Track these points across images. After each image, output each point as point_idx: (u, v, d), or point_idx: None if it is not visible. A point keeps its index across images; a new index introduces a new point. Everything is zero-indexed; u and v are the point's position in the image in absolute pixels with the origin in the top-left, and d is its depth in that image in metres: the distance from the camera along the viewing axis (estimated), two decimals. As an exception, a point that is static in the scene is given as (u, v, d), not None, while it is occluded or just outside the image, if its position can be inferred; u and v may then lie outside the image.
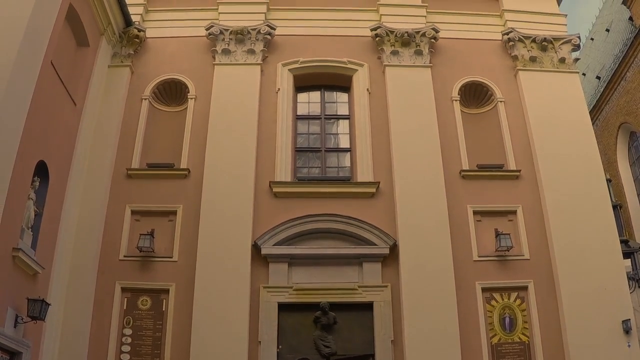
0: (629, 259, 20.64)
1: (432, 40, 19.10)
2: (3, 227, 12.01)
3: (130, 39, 18.97)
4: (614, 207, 20.04)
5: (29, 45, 13.31)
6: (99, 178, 16.93)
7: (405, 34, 18.91)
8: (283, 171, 17.27)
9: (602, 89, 29.05)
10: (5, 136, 12.37)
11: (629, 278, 18.11)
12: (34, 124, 13.58)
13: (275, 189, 16.91)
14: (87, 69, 17.31)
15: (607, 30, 31.98)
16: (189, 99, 18.37)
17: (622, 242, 18.51)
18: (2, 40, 12.85)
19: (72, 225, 15.91)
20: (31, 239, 13.65)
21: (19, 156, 12.74)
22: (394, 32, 18.97)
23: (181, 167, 17.29)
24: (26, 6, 13.46)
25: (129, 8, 18.77)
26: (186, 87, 18.59)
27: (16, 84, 12.79)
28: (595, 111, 29.25)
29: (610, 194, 19.45)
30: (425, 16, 19.73)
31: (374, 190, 17.00)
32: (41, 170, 14.25)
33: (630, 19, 27.72)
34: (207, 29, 18.98)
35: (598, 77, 30.35)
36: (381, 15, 19.67)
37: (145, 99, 18.41)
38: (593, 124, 22.95)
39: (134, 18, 19.13)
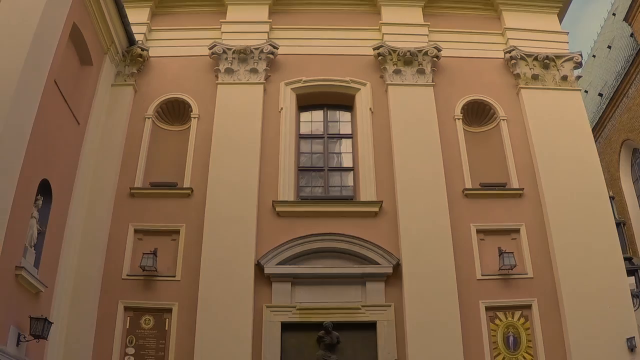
0: (633, 277, 20.57)
1: (435, 58, 19.16)
2: (6, 245, 12.02)
3: (133, 58, 19.08)
4: (617, 224, 19.94)
5: (32, 63, 13.40)
6: (102, 197, 16.94)
7: (408, 53, 18.99)
8: (286, 190, 17.28)
9: (604, 106, 29.06)
10: (9, 154, 12.43)
11: (633, 295, 18.02)
12: (38, 143, 13.64)
13: (278, 208, 16.91)
14: (91, 88, 17.39)
15: (609, 47, 32.03)
16: (192, 118, 18.43)
17: (625, 259, 18.41)
18: (6, 59, 12.96)
19: (75, 243, 15.92)
20: (34, 258, 13.66)
21: (22, 174, 12.79)
22: (396, 51, 19.04)
23: (184, 186, 17.32)
24: (30, 25, 13.59)
25: (132, 27, 18.90)
26: (189, 106, 18.66)
27: (20, 102, 12.87)
28: (597, 128, 29.26)
29: (613, 211, 19.35)
30: (427, 35, 19.82)
31: (377, 209, 16.99)
32: (44, 189, 14.29)
33: (632, 35, 27.77)
34: (210, 48, 19.09)
35: (600, 94, 30.36)
36: (383, 34, 19.76)
37: (148, 118, 18.47)
38: (596, 141, 22.94)
39: (137, 37, 19.27)
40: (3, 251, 11.93)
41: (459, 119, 18.63)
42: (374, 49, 19.27)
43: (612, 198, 21.56)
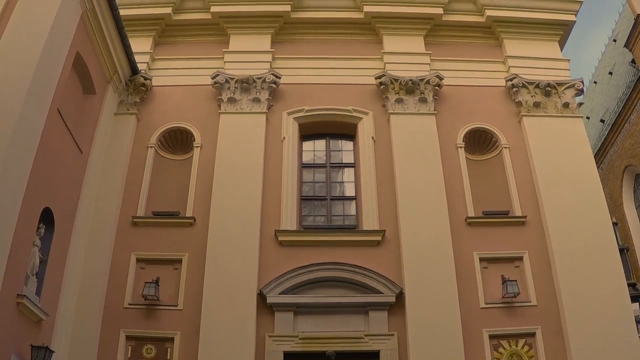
0: (637, 303, 20.48)
1: (437, 87, 19.24)
2: (8, 273, 12.01)
3: (136, 87, 19.18)
4: (621, 250, 19.97)
5: (36, 92, 13.49)
6: (104, 225, 16.94)
7: (410, 82, 19.07)
8: (289, 219, 17.25)
9: (606, 132, 29.13)
10: (11, 182, 12.47)
11: (638, 322, 17.93)
12: (40, 171, 13.68)
13: (280, 238, 16.89)
14: (94, 117, 17.45)
15: (610, 73, 32.16)
16: (195, 147, 18.48)
17: (629, 285, 18.39)
18: (9, 87, 13.04)
19: (77, 272, 15.89)
20: (36, 286, 13.65)
21: (24, 203, 12.81)
22: (398, 80, 19.12)
23: (187, 215, 17.31)
24: (34, 54, 13.68)
25: (135, 56, 19.00)
26: (192, 135, 18.71)
27: (23, 130, 12.92)
28: (600, 154, 29.30)
29: (616, 237, 19.32)
30: (429, 64, 19.92)
31: (379, 238, 16.96)
32: (46, 217, 14.29)
33: (633, 61, 27.88)
34: (212, 78, 19.18)
35: (602, 121, 30.44)
36: (385, 63, 19.88)
37: (151, 147, 18.53)
38: (598, 168, 22.92)
39: (140, 66, 19.40)
40: (5, 279, 11.90)
41: (461, 147, 18.64)
42: (376, 78, 19.37)
43: (615, 224, 21.56)
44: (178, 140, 18.96)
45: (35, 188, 13.45)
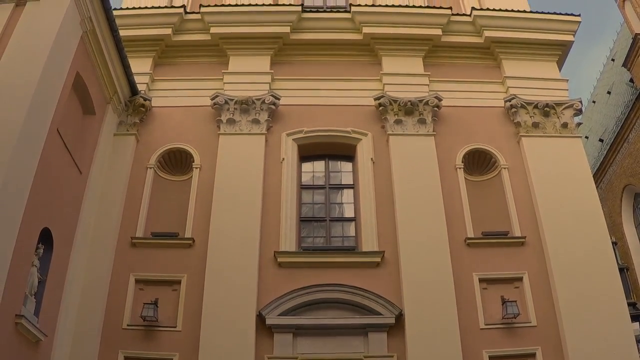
0: (637, 322, 20.46)
1: (435, 108, 19.28)
2: (6, 293, 12.01)
3: (136, 108, 19.24)
4: (621, 270, 19.98)
5: (35, 112, 13.57)
6: (103, 246, 16.92)
7: (409, 103, 19.12)
8: (288, 241, 17.23)
9: (605, 152, 29.23)
10: (10, 203, 12.50)
11: (638, 341, 17.89)
12: (39, 191, 13.70)
13: (280, 259, 16.87)
14: (93, 137, 17.49)
15: (609, 92, 32.32)
16: (194, 168, 18.50)
17: (629, 304, 18.38)
18: (9, 107, 13.16)
19: (76, 293, 15.86)
20: (34, 306, 13.63)
21: (23, 223, 12.84)
22: (397, 101, 19.18)
23: (186, 236, 17.30)
24: (34, 74, 13.79)
25: (135, 77, 19.06)
26: (191, 156, 18.75)
27: (22, 150, 13.00)
28: (599, 174, 29.36)
29: (616, 257, 19.34)
30: (428, 85, 20.00)
31: (379, 259, 16.93)
32: (45, 237, 14.30)
33: (631, 80, 28.04)
34: (212, 99, 19.26)
35: (601, 140, 30.55)
36: (384, 84, 19.95)
37: (150, 168, 18.55)
38: (597, 187, 22.99)
39: (140, 87, 19.46)
40: (3, 299, 11.90)
41: (460, 168, 18.65)
42: (375, 99, 19.43)
43: (614, 243, 21.59)
44: (177, 161, 18.99)
45: (35, 208, 13.46)
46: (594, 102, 35.18)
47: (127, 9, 21.21)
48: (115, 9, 18.55)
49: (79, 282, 16.04)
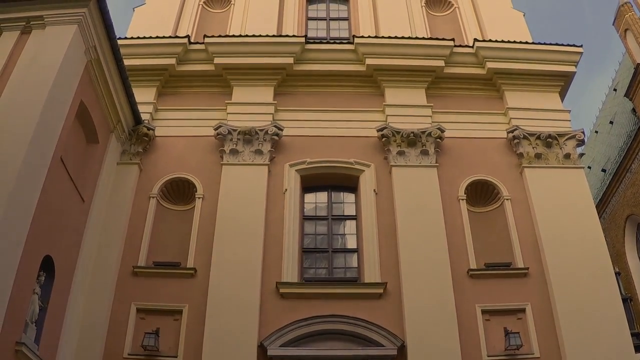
0: (641, 353, 20.31)
1: (438, 139, 19.34)
2: (7, 320, 11.96)
3: (139, 137, 19.29)
4: (624, 300, 19.80)
5: (39, 140, 13.62)
6: (105, 275, 16.88)
7: (411, 134, 19.19)
8: (290, 272, 17.19)
9: (608, 182, 29.21)
10: (13, 230, 12.50)
11: (642, 372, 17.78)
12: (42, 219, 13.70)
13: (282, 290, 16.81)
14: (96, 166, 17.51)
15: (611, 122, 32.36)
16: (197, 198, 18.54)
17: (633, 335, 18.19)
18: (12, 135, 13.21)
19: (77, 321, 15.80)
20: (35, 334, 13.58)
21: (25, 250, 12.83)
22: (400, 132, 19.24)
23: (188, 266, 17.26)
24: (38, 102, 13.88)
25: (138, 106, 19.14)
26: (194, 186, 18.77)
27: (25, 178, 13.02)
28: (602, 204, 29.32)
29: (619, 287, 19.29)
30: (430, 116, 20.10)
31: (381, 290, 16.87)
32: (47, 265, 14.28)
33: (634, 110, 28.06)
34: (215, 129, 19.33)
35: (604, 170, 30.55)
36: (387, 115, 20.06)
37: (153, 197, 18.57)
38: (600, 217, 22.94)
39: (143, 116, 19.52)
40: (4, 326, 11.85)
41: (462, 199, 18.67)
42: (378, 131, 19.49)
43: (617, 274, 21.47)
44: (180, 191, 19.01)
45: (37, 236, 13.47)
46: (596, 132, 35.24)
47: (132, 38, 21.33)
48: (119, 38, 18.69)
49: (80, 310, 15.99)
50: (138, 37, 21.30)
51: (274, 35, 21.87)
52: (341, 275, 18.11)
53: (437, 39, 21.74)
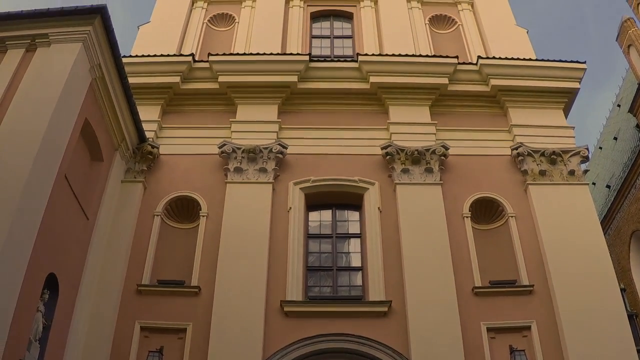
0: (648, 369, 20.20)
1: (442, 157, 19.35)
2: (10, 338, 11.97)
3: (143, 155, 19.34)
4: (630, 316, 19.76)
5: (43, 158, 13.68)
6: (109, 293, 16.86)
7: (416, 152, 19.20)
8: (294, 290, 17.14)
9: (612, 198, 29.16)
10: (17, 247, 12.53)
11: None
12: (46, 237, 13.73)
13: (286, 308, 16.75)
14: (101, 184, 17.54)
15: (615, 138, 32.35)
16: (201, 217, 18.51)
17: (639, 352, 18.13)
18: (17, 153, 13.30)
19: (81, 339, 15.77)
20: (38, 351, 13.58)
21: (29, 268, 12.85)
22: (404, 150, 19.26)
23: (192, 284, 17.22)
24: (43, 119, 13.97)
25: (143, 124, 19.18)
26: (198, 204, 18.77)
27: (30, 196, 13.06)
28: (606, 220, 29.25)
29: (625, 303, 19.15)
30: (434, 133, 20.12)
31: (386, 309, 16.79)
32: (51, 283, 14.29)
33: (637, 126, 28.05)
34: (219, 147, 19.37)
35: (608, 186, 30.51)
36: (391, 133, 20.08)
37: (157, 215, 18.58)
38: (605, 233, 22.88)
39: (148, 134, 19.58)
40: (7, 344, 11.85)
41: (467, 217, 18.63)
42: (382, 149, 19.52)
43: (623, 290, 21.39)
44: (184, 209, 19.00)
45: (41, 253, 13.49)
46: (600, 148, 35.22)
47: (137, 56, 21.47)
48: (124, 56, 18.77)
49: (84, 328, 15.96)
50: (143, 55, 21.43)
51: (278, 54, 21.93)
52: (346, 294, 18.05)
53: (440, 56, 21.84)
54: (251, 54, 21.81)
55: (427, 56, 21.96)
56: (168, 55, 21.61)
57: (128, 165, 19.21)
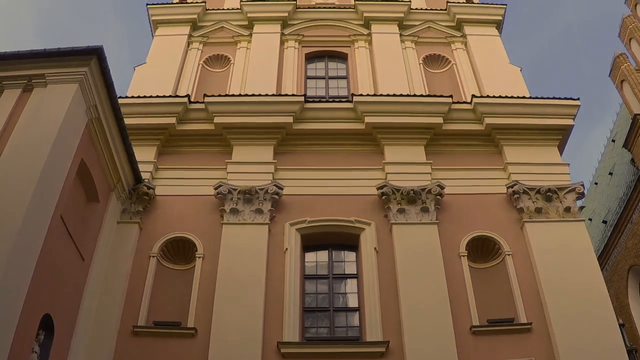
0: (648, 405, 20.12)
1: (438, 196, 19.37)
2: (5, 379, 11.85)
3: (139, 196, 19.33)
4: (629, 351, 19.72)
5: (39, 198, 13.64)
6: (104, 334, 16.74)
7: (411, 192, 19.23)
8: (291, 331, 17.03)
9: (609, 233, 29.21)
10: (12, 288, 12.46)
11: None
12: (41, 277, 13.66)
13: (283, 350, 16.62)
14: (96, 225, 17.52)
15: (610, 173, 32.50)
16: (197, 258, 18.48)
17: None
18: (13, 193, 13.27)
19: (76, 381, 15.61)
20: (32, 394, 13.42)
21: (24, 309, 12.76)
22: (400, 190, 19.29)
23: (188, 326, 17.11)
24: (39, 160, 13.95)
25: (139, 165, 19.22)
26: (194, 245, 18.74)
27: (25, 236, 13.01)
28: (604, 256, 29.27)
29: (624, 339, 19.08)
30: (430, 173, 20.18)
31: (383, 349, 16.65)
32: (46, 324, 14.19)
33: (632, 161, 28.19)
34: (215, 188, 19.40)
35: (604, 222, 30.56)
36: (387, 173, 20.14)
37: (153, 257, 18.52)
38: (603, 269, 22.86)
39: (143, 175, 19.58)
40: (2, 385, 11.76)
41: (464, 255, 18.61)
42: (378, 189, 19.56)
43: (622, 325, 21.33)
44: (180, 250, 18.96)
45: (36, 294, 13.41)
46: (596, 183, 35.38)
47: (132, 97, 21.64)
48: (120, 97, 18.96)
49: (79, 371, 15.81)
50: (139, 96, 21.60)
51: (273, 95, 22.14)
52: (343, 335, 17.95)
53: (435, 95, 22.01)
54: (246, 95, 21.98)
55: (421, 96, 22.12)
56: (164, 97, 21.79)
57: (124, 206, 19.18)
